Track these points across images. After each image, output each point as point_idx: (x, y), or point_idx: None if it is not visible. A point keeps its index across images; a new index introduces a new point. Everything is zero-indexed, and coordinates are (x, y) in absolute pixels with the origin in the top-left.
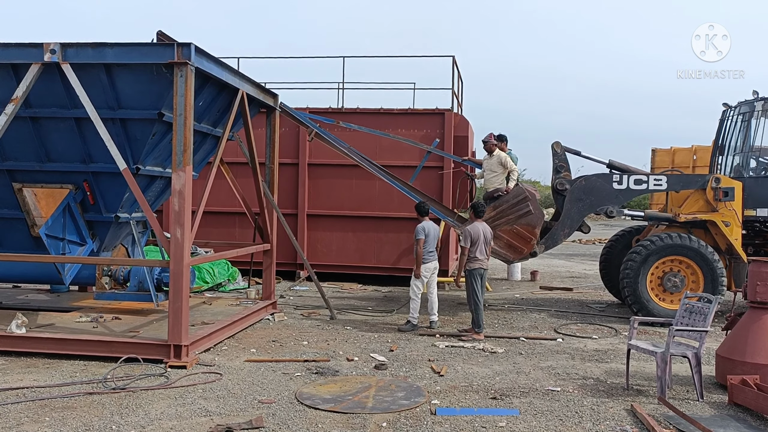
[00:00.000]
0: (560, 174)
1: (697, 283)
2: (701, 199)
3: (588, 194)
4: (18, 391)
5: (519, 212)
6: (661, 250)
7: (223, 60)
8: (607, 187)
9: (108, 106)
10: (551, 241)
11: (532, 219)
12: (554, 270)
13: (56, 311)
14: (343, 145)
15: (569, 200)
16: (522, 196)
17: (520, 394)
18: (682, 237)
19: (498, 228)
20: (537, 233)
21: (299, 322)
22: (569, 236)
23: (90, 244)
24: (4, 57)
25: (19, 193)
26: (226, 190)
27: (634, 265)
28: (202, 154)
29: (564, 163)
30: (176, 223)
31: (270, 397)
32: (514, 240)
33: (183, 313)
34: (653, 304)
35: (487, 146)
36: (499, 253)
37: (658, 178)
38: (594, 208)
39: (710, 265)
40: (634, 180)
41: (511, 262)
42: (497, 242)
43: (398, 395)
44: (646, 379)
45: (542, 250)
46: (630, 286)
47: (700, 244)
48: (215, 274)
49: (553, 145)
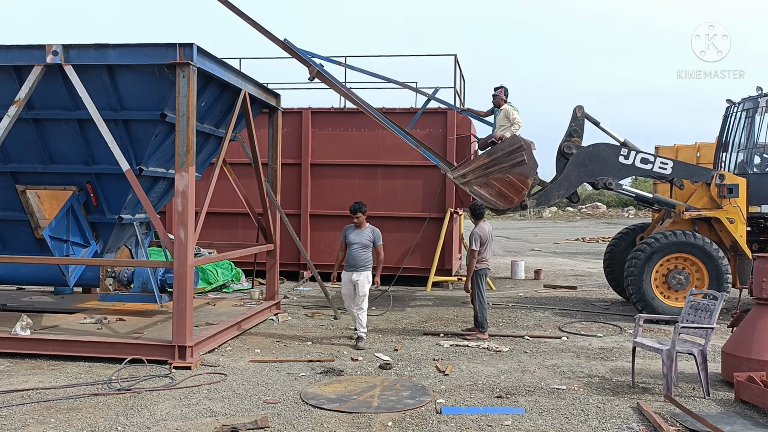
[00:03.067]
0: (572, 138)
1: (702, 281)
2: (705, 196)
3: (593, 161)
4: (23, 392)
5: (513, 161)
6: (666, 247)
7: (225, 60)
8: (613, 158)
9: (110, 108)
10: (544, 198)
11: (525, 169)
12: (558, 268)
13: (60, 313)
14: (344, 87)
15: (572, 163)
16: (517, 145)
17: (525, 393)
18: (686, 234)
19: (490, 176)
20: (529, 183)
21: (303, 323)
22: (562, 198)
23: (93, 245)
24: (7, 59)
25: (22, 195)
26: (229, 190)
27: (639, 263)
28: (205, 154)
29: (579, 129)
30: (179, 224)
31: (275, 397)
32: (506, 189)
33: (187, 314)
34: (658, 302)
35: (496, 100)
36: (489, 201)
37: (665, 162)
38: (595, 176)
39: (715, 262)
40: (640, 158)
41: (500, 211)
42: (488, 190)
43: (403, 394)
44: (651, 376)
45: (533, 205)
46: (634, 284)
47: (704, 241)
48: (219, 275)
49: (575, 109)
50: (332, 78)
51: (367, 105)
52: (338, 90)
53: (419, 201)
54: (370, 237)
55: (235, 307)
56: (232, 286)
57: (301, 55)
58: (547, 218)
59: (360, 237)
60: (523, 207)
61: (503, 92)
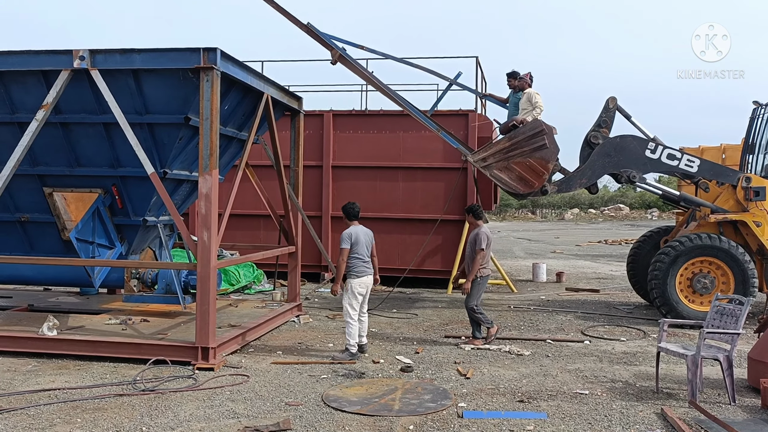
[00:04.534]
0: (600, 128)
1: (727, 285)
2: (731, 199)
3: (618, 152)
4: (50, 392)
5: (534, 145)
6: (691, 251)
7: (247, 64)
8: (639, 151)
9: (136, 111)
10: (565, 185)
11: (546, 153)
12: (580, 271)
13: (86, 313)
14: (366, 71)
15: (598, 152)
16: (539, 128)
17: (547, 397)
18: (712, 237)
19: (511, 159)
20: (550, 168)
21: (324, 324)
22: (584, 186)
23: (119, 247)
24: (35, 64)
25: (49, 198)
26: (252, 192)
27: (663, 266)
28: (228, 157)
29: (609, 120)
30: (203, 227)
31: (297, 399)
32: (526, 173)
33: (210, 315)
34: (682, 306)
35: (520, 83)
36: (510, 185)
37: (692, 159)
38: (619, 167)
39: (741, 266)
40: (667, 154)
41: (520, 196)
42: (509, 174)
43: (425, 398)
44: (676, 382)
45: (554, 191)
46: (658, 288)
47: (730, 245)
48: (241, 276)
49: (608, 99)
50: (354, 61)
51: (388, 88)
52: (360, 74)
53: (440, 203)
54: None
55: (257, 309)
56: (254, 287)
57: (324, 38)
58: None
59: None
60: (544, 192)
61: (529, 76)
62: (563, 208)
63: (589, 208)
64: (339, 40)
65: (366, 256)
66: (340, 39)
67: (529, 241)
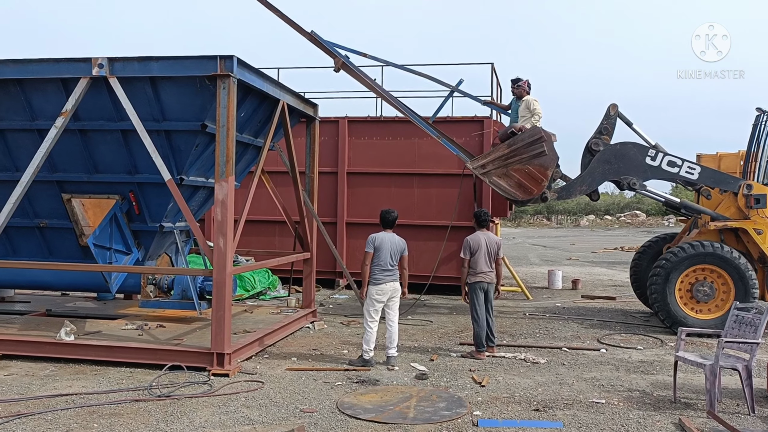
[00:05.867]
0: (601, 135)
1: (728, 293)
2: (733, 206)
3: (618, 159)
4: (67, 397)
5: (533, 152)
6: (690, 258)
7: (263, 71)
8: (639, 158)
9: (153, 119)
10: (566, 192)
11: (545, 160)
12: (596, 278)
13: (103, 319)
14: (368, 78)
15: (598, 159)
16: (537, 135)
17: (563, 406)
18: (711, 245)
19: (510, 166)
20: (549, 175)
21: (339, 331)
22: (584, 193)
23: (135, 253)
24: (54, 72)
25: (68, 204)
26: (267, 199)
27: (662, 274)
28: (244, 164)
29: (610, 127)
30: (219, 233)
31: (311, 406)
32: (525, 180)
33: (225, 321)
34: (683, 314)
35: (519, 90)
36: (509, 192)
37: (692, 167)
38: (619, 174)
39: (741, 274)
40: (667, 161)
41: (520, 203)
42: (508, 180)
43: (440, 406)
44: (694, 391)
45: (554, 198)
46: (658, 296)
47: (729, 253)
48: (256, 282)
49: (609, 107)
50: (356, 69)
51: (390, 95)
52: (362, 81)
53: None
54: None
55: (272, 315)
56: (269, 293)
57: (327, 46)
58: (585, 226)
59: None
60: (543, 199)
61: (527, 84)
62: (579, 214)
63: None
64: (342, 48)
65: (388, 264)
66: (343, 47)
67: (544, 248)
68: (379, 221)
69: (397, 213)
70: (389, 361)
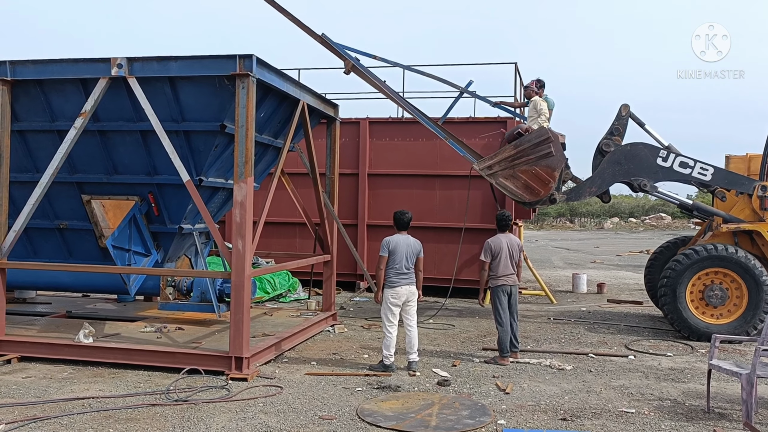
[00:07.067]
0: (612, 136)
1: (741, 297)
2: (747, 208)
3: (629, 160)
4: (84, 401)
5: (540, 153)
6: (701, 261)
7: (284, 71)
8: (651, 159)
9: (172, 119)
10: (575, 194)
11: (552, 161)
12: (622, 282)
13: (122, 321)
14: (378, 80)
15: (608, 160)
16: (545, 136)
17: (591, 416)
18: (722, 248)
19: (517, 167)
20: (556, 176)
21: (360, 334)
22: (594, 195)
23: (155, 254)
24: (74, 72)
25: (87, 205)
26: (287, 200)
27: (673, 277)
28: (263, 165)
29: (621, 128)
30: (238, 235)
31: (331, 412)
32: (532, 181)
33: (244, 325)
34: (695, 319)
35: (527, 92)
36: (515, 193)
37: (705, 168)
38: (630, 176)
39: (755, 277)
40: (679, 162)
41: (527, 204)
42: (515, 182)
43: (462, 413)
44: (728, 401)
45: (563, 200)
46: (669, 300)
47: (742, 256)
48: (276, 284)
49: (621, 107)
50: (367, 71)
51: (399, 96)
52: (372, 83)
53: (477, 212)
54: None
55: (292, 318)
56: (290, 295)
57: (337, 48)
58: (609, 229)
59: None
60: (552, 201)
61: (535, 84)
62: (602, 217)
63: (630, 217)
64: (352, 50)
65: (403, 267)
66: (354, 49)
67: (567, 251)
68: (393, 223)
69: (411, 214)
70: (410, 367)
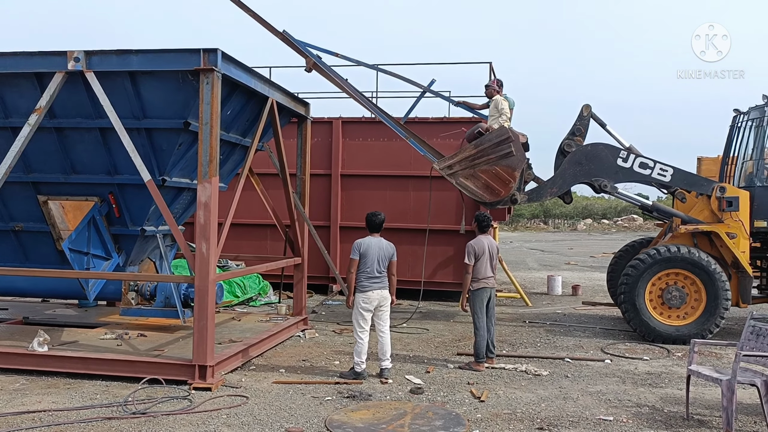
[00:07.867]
0: (574, 137)
1: (699, 300)
2: (706, 209)
3: (589, 161)
4: (35, 414)
5: (500, 153)
6: (660, 262)
7: (253, 68)
8: (611, 159)
9: (133, 116)
10: (536, 195)
11: (512, 161)
12: (596, 284)
13: (82, 327)
14: (339, 78)
15: (569, 161)
16: (505, 136)
17: (569, 424)
18: (681, 249)
19: (477, 167)
20: (516, 176)
21: (331, 339)
22: (555, 196)
23: (116, 258)
24: (28, 66)
25: (44, 206)
26: (258, 201)
27: (632, 279)
28: (231, 165)
29: (583, 128)
30: (201, 237)
31: (298, 424)
32: (493, 181)
33: (208, 331)
34: (654, 321)
35: (488, 91)
36: (476, 194)
37: (665, 168)
38: (590, 176)
39: (712, 279)
40: (639, 162)
41: (488, 205)
42: (475, 182)
43: (436, 424)
44: (707, 407)
45: (524, 201)
46: (628, 300)
47: (699, 257)
48: (246, 287)
49: (582, 107)
50: (329, 69)
51: (361, 96)
52: (334, 81)
53: (452, 213)
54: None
55: (261, 323)
56: (260, 299)
57: (298, 46)
58: (582, 230)
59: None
60: (513, 201)
61: (496, 83)
62: (576, 218)
63: (603, 218)
64: (314, 48)
65: (375, 271)
66: (315, 47)
67: (542, 252)
68: (366, 225)
69: (384, 216)
70: (383, 374)
